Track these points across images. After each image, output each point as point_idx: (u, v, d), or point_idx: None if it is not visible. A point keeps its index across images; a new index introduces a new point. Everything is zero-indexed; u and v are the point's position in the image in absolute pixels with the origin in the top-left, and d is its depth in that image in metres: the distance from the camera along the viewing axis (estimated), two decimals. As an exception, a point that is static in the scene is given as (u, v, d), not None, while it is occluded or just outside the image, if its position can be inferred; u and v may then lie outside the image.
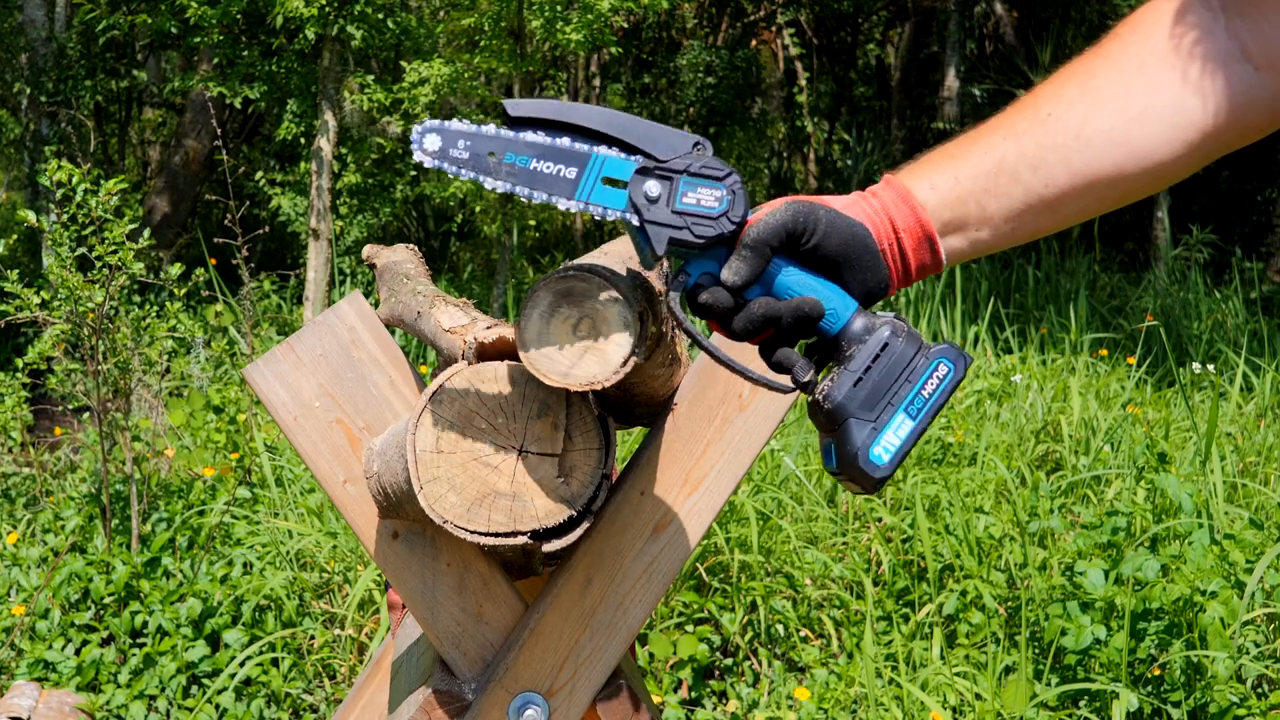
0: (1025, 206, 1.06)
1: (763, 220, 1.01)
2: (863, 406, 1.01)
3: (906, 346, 1.01)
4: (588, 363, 1.02)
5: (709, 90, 13.04)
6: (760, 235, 1.00)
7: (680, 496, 1.28)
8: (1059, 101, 1.06)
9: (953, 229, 1.06)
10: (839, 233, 1.02)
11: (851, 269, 1.03)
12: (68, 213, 3.59)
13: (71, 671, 3.10)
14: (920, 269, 1.06)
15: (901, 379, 1.01)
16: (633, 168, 1.01)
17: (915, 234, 1.05)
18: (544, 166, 1.02)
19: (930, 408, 1.01)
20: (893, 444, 1.01)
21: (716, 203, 1.00)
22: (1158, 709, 2.80)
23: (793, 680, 3.17)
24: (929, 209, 1.05)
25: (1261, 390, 5.10)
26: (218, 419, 4.25)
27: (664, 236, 1.00)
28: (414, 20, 7.55)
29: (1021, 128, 1.06)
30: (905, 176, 1.08)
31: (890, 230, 1.05)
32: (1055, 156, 1.04)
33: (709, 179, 1.00)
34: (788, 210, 1.02)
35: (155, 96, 10.90)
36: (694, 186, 1.00)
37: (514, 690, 1.23)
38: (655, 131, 1.02)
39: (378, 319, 1.31)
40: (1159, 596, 2.80)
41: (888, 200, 1.06)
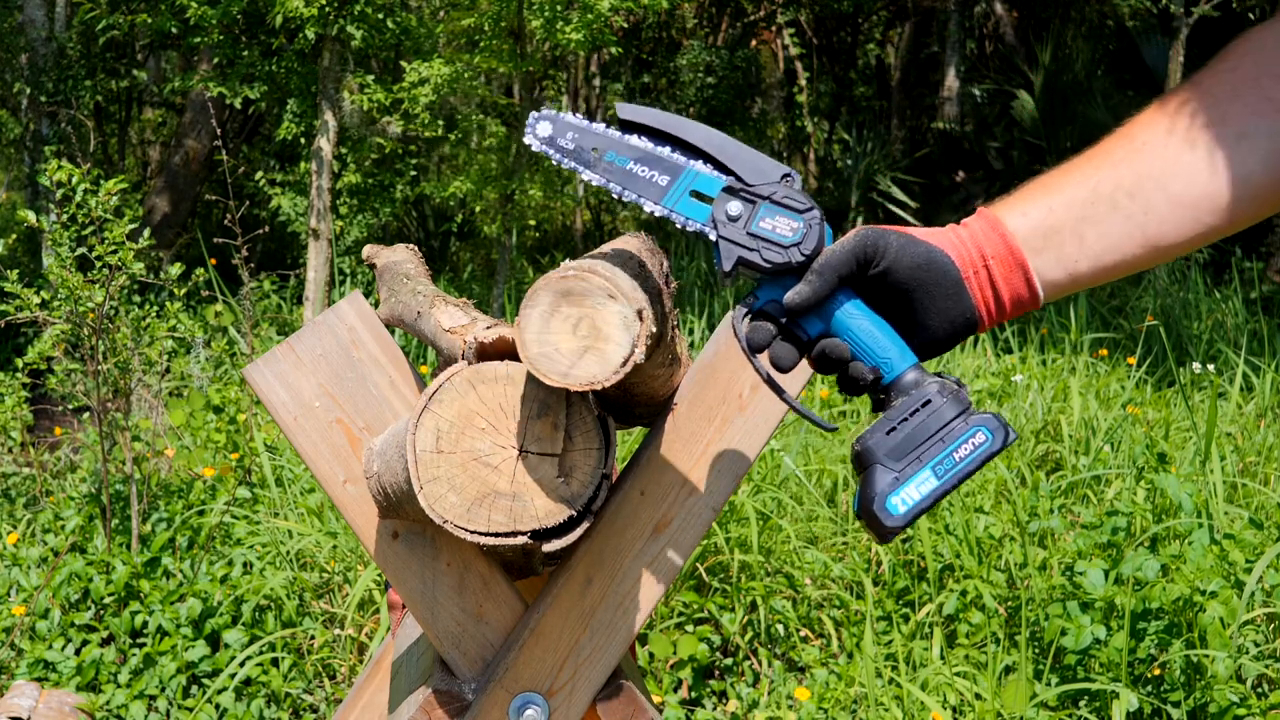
0: (1125, 236, 1.03)
1: (831, 248, 1.02)
2: (890, 455, 1.01)
3: (949, 407, 1.01)
4: (588, 363, 1.02)
5: (709, 90, 13.04)
6: (829, 261, 1.01)
7: (680, 496, 1.28)
8: (1153, 130, 1.04)
9: (1049, 259, 1.03)
10: (911, 258, 1.01)
11: (929, 296, 1.02)
12: (68, 213, 3.59)
13: (71, 671, 3.10)
14: (1016, 302, 1.04)
15: (935, 438, 1.01)
16: (720, 185, 1.04)
17: (1006, 262, 1.03)
18: (640, 169, 1.07)
19: (958, 472, 1.01)
20: (912, 498, 1.00)
21: (791, 233, 1.02)
22: (1158, 709, 2.80)
23: (793, 680, 3.17)
24: (1020, 236, 1.03)
25: (1261, 390, 5.10)
26: (218, 419, 4.25)
27: (734, 255, 1.03)
28: (414, 20, 7.55)
29: (1118, 155, 1.04)
30: (998, 207, 1.06)
31: (977, 257, 1.03)
32: (1153, 185, 1.02)
33: (790, 209, 1.02)
34: (856, 236, 1.02)
35: (155, 96, 10.91)
36: (774, 213, 1.03)
37: (514, 690, 1.23)
38: (750, 156, 1.05)
39: (378, 319, 1.31)
40: (1159, 596, 2.80)
41: (976, 229, 1.04)
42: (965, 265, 1.03)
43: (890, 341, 1.03)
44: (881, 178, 11.14)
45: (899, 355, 1.02)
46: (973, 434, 1.01)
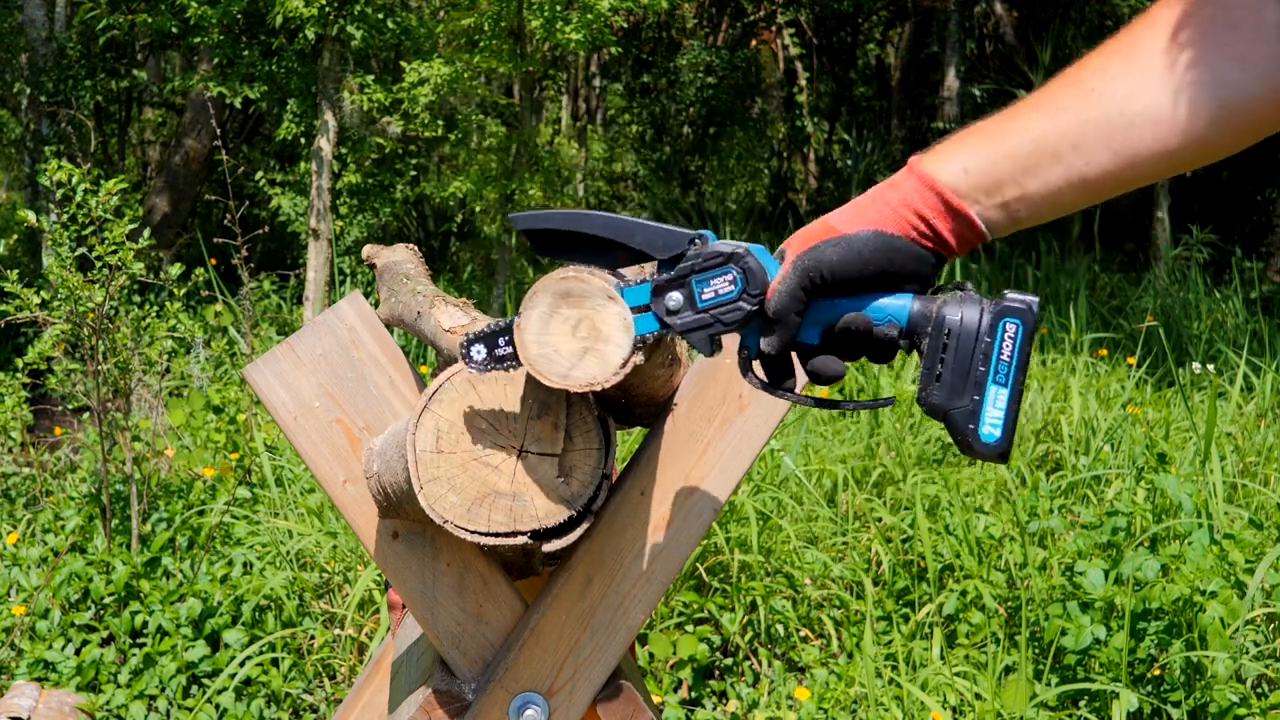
0: (1065, 184, 1.03)
1: (777, 292, 1.03)
2: (952, 396, 1.03)
3: (968, 321, 1.02)
4: (588, 363, 1.02)
5: (709, 90, 13.04)
6: (779, 305, 1.03)
7: (680, 496, 1.28)
8: (1103, 76, 1.02)
9: (990, 207, 1.04)
10: (853, 259, 1.02)
11: (888, 274, 1.03)
12: (68, 213, 3.59)
13: (71, 671, 3.10)
14: (962, 241, 1.05)
15: (977, 356, 1.02)
16: (648, 290, 1.05)
17: (944, 215, 1.03)
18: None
19: (1016, 368, 1.02)
20: (997, 418, 1.02)
21: (732, 286, 1.04)
22: (1158, 709, 2.80)
23: (793, 680, 3.17)
24: (961, 191, 1.03)
25: (1261, 390, 5.10)
26: (218, 419, 4.25)
27: (702, 338, 1.05)
28: (414, 20, 7.55)
29: (1063, 102, 1.03)
30: (932, 161, 1.05)
31: (916, 219, 1.03)
32: (1096, 134, 1.01)
33: (715, 268, 1.04)
34: (793, 273, 1.03)
35: (155, 96, 10.91)
36: (707, 282, 1.04)
37: (514, 690, 1.23)
38: (653, 232, 1.06)
39: (378, 319, 1.31)
40: (1159, 596, 2.80)
41: (909, 190, 1.04)
42: (908, 230, 1.03)
43: (878, 301, 1.04)
44: (881, 178, 11.13)
45: (896, 302, 1.04)
46: (1003, 330, 1.02)
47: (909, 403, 4.65)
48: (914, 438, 4.36)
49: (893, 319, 1.03)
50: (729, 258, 1.03)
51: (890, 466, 4.07)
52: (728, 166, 13.45)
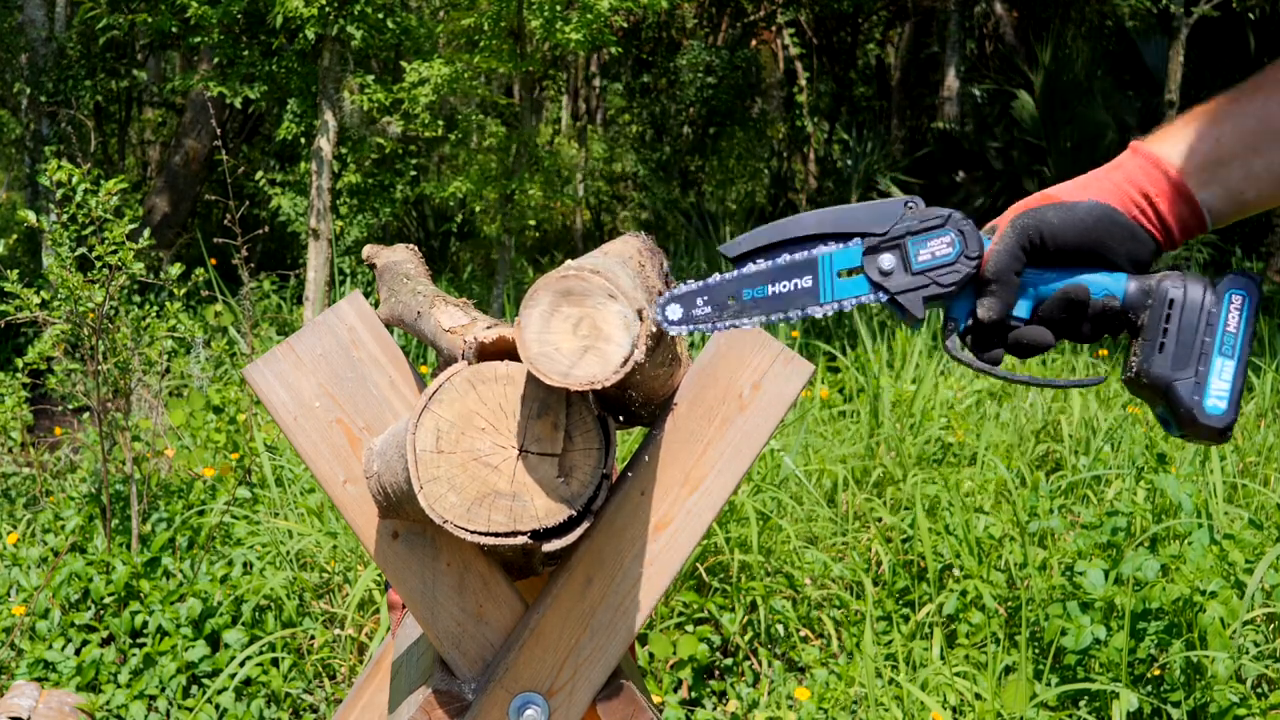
0: None
1: (995, 251, 1.02)
2: (1176, 367, 1.01)
3: (1192, 293, 1.01)
4: (588, 362, 1.02)
5: (709, 90, 13.04)
6: (999, 265, 1.01)
7: (680, 496, 1.27)
8: None
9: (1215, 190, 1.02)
10: (1076, 225, 1.01)
11: (1107, 248, 1.02)
12: (68, 213, 3.59)
13: (71, 671, 3.10)
14: (1184, 230, 1.03)
15: (1201, 326, 1.01)
16: (859, 252, 1.03)
17: (1170, 197, 1.02)
18: (780, 287, 1.05)
19: (1243, 340, 1.01)
20: (1222, 390, 1.00)
21: (949, 248, 1.02)
22: (1158, 709, 2.80)
23: (793, 680, 3.17)
24: (1187, 171, 1.01)
25: (1262, 390, 5.10)
26: (218, 419, 4.25)
27: (916, 300, 1.03)
28: (414, 20, 7.55)
29: None
30: (1156, 142, 1.04)
31: (1140, 197, 1.02)
32: None
33: (933, 230, 1.03)
34: (1014, 229, 1.02)
35: (155, 96, 10.91)
36: (923, 243, 1.03)
37: (514, 690, 1.23)
38: (865, 212, 1.04)
39: (378, 319, 1.31)
40: (1159, 596, 2.80)
41: (1133, 169, 1.03)
42: (1129, 207, 1.02)
43: (1095, 275, 1.02)
44: (881, 178, 11.14)
45: (1111, 279, 1.02)
46: (1229, 301, 1.01)
47: (909, 402, 4.65)
48: (914, 438, 4.36)
49: (1110, 293, 1.02)
50: (946, 219, 1.02)
51: (890, 466, 4.07)
52: (728, 166, 13.45)
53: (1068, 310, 1.02)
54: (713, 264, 9.11)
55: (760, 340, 1.27)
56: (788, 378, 1.27)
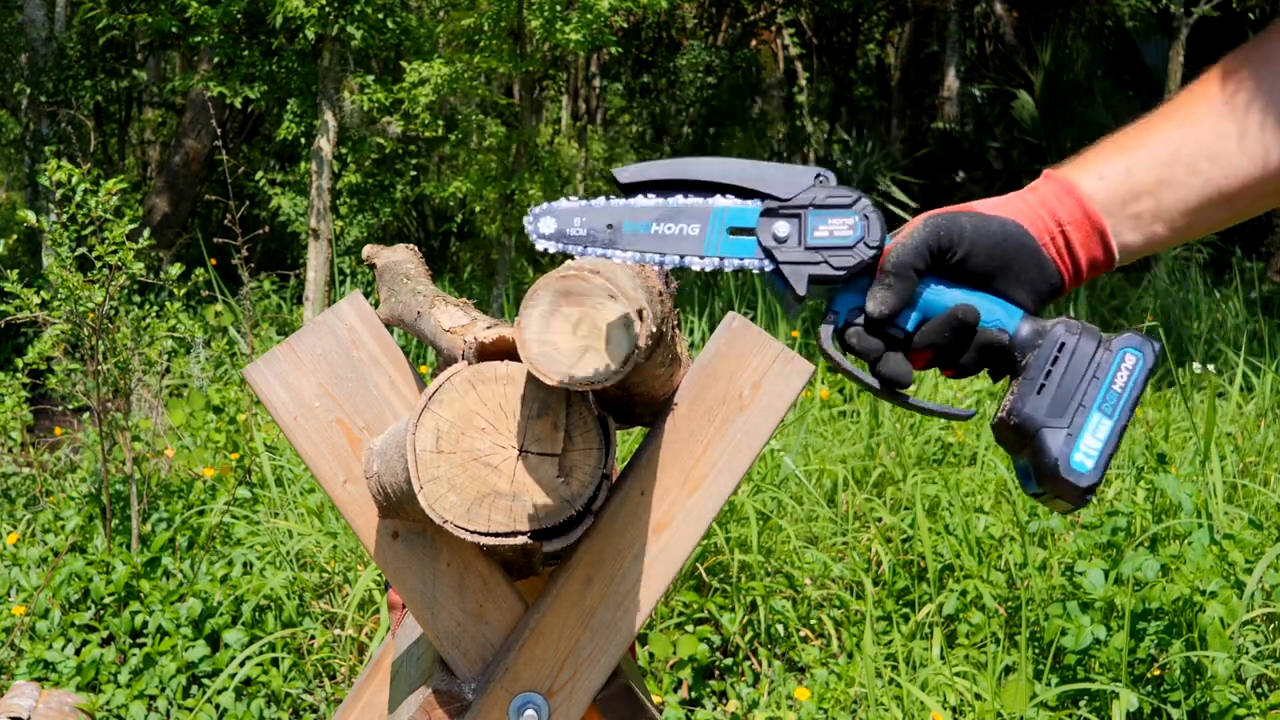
0: (1204, 200, 0.97)
1: (900, 243, 0.96)
2: (1051, 414, 0.94)
3: (1085, 343, 0.95)
4: (588, 362, 1.02)
5: (709, 90, 13.04)
6: (901, 258, 0.95)
7: (680, 496, 1.27)
8: (1239, 86, 0.97)
9: (1126, 223, 0.98)
10: (988, 238, 0.96)
11: (1011, 273, 0.97)
12: (68, 213, 3.59)
13: (71, 671, 3.10)
14: (1092, 265, 0.99)
15: (1087, 377, 0.94)
16: (756, 213, 0.97)
17: (1083, 227, 0.98)
18: (665, 228, 0.99)
19: (1126, 402, 0.94)
20: (1093, 447, 0.93)
21: (850, 230, 0.96)
22: (1157, 709, 2.80)
23: (793, 680, 3.17)
24: (1098, 201, 0.98)
25: (1261, 390, 5.10)
26: (218, 419, 4.25)
27: (803, 274, 0.96)
28: (414, 20, 7.55)
29: (1199, 114, 0.98)
30: (1069, 170, 1.00)
31: (1053, 224, 0.98)
32: (1234, 146, 0.96)
33: (838, 208, 0.96)
34: (926, 226, 0.96)
35: (155, 96, 10.91)
36: (824, 219, 0.96)
37: (514, 690, 1.23)
38: (773, 172, 0.97)
39: (378, 319, 1.31)
40: (1159, 596, 2.80)
41: (1047, 194, 0.99)
42: (1041, 233, 0.97)
43: (991, 302, 0.97)
44: (881, 178, 11.14)
45: (1005, 312, 0.96)
46: (1121, 358, 0.95)
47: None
48: (914, 438, 4.36)
49: (1001, 325, 0.96)
50: (854, 201, 0.95)
51: (890, 466, 4.07)
52: (728, 166, 13.43)
53: (953, 333, 0.96)
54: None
55: (760, 340, 1.27)
56: (788, 378, 1.27)
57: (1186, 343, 6.55)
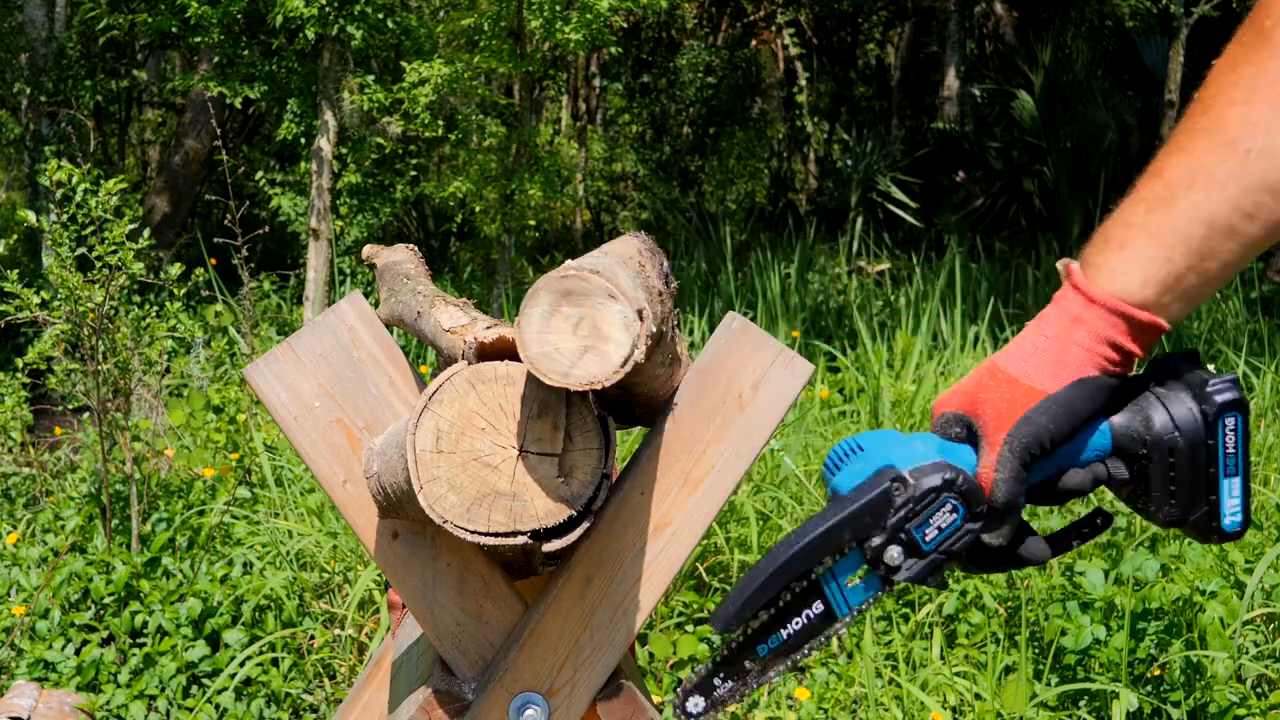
0: (1242, 254, 0.96)
1: (998, 481, 0.96)
2: (1189, 510, 0.98)
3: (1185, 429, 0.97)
4: (588, 362, 1.02)
5: (709, 90, 13.05)
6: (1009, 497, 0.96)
7: (680, 496, 1.27)
8: (1253, 130, 0.92)
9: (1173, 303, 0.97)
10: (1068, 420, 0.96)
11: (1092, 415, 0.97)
12: (67, 213, 3.59)
13: (71, 671, 3.10)
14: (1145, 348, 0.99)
15: (1203, 461, 0.97)
16: (857, 559, 0.97)
17: (1135, 337, 0.97)
18: (794, 625, 1.00)
19: (1242, 456, 0.98)
20: (1235, 506, 0.98)
21: (953, 514, 0.96)
22: (1157, 709, 2.80)
23: (793, 680, 3.17)
24: (1149, 304, 0.96)
25: (1261, 390, 5.10)
26: (218, 419, 4.26)
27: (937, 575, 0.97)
28: (414, 20, 7.56)
29: (1222, 174, 0.93)
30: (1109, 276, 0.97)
31: (1109, 350, 0.97)
32: (1269, 198, 0.92)
33: (931, 506, 0.96)
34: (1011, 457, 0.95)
35: (155, 96, 10.91)
36: (926, 523, 0.96)
37: (514, 690, 1.23)
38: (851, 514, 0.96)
39: (378, 319, 1.31)
40: (1158, 596, 2.80)
41: (1094, 322, 0.97)
42: (1103, 365, 0.97)
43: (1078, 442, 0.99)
44: (881, 178, 11.15)
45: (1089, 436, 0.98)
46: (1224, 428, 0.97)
47: (909, 401, 4.66)
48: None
49: (1099, 451, 0.98)
50: (941, 489, 0.95)
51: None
52: (728, 166, 13.45)
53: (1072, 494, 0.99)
54: (713, 264, 9.11)
55: (760, 340, 1.27)
56: (788, 378, 1.27)
57: (1186, 342, 6.55)
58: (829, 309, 7.59)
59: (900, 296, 7.19)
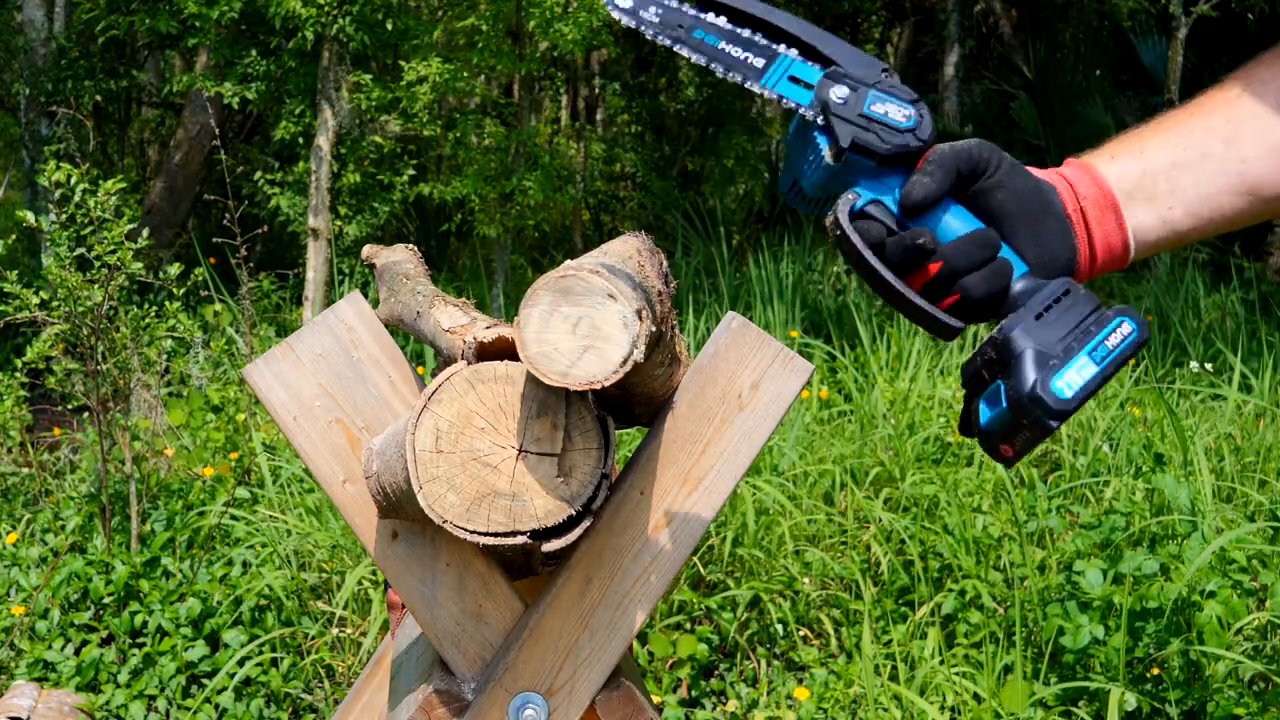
0: (1223, 183, 0.96)
1: (949, 144, 0.97)
2: (1042, 341, 0.95)
3: (1085, 300, 0.96)
4: (587, 362, 1.02)
5: (709, 90, 13.04)
6: (947, 154, 0.96)
7: (680, 496, 1.28)
8: (1250, 81, 0.96)
9: (1141, 204, 0.97)
10: (1021, 180, 0.96)
11: (1033, 228, 0.96)
12: (66, 213, 3.59)
13: (71, 671, 3.10)
14: (1107, 249, 0.99)
15: (1084, 324, 0.95)
16: (820, 73, 1.00)
17: (1098, 203, 0.97)
18: (733, 50, 1.02)
19: (1115, 359, 0.95)
20: (1075, 382, 0.94)
21: (905, 119, 0.98)
22: (1156, 708, 2.80)
23: (792, 680, 3.17)
24: (1113, 179, 0.97)
25: (1260, 390, 5.10)
26: (217, 419, 4.26)
27: (849, 133, 0.98)
28: (413, 21, 7.56)
29: (1210, 105, 0.98)
30: (1088, 155, 1.01)
31: (1072, 195, 0.97)
32: (1250, 129, 0.95)
33: (898, 98, 0.99)
34: (972, 141, 0.97)
35: (154, 96, 10.91)
36: (883, 99, 0.98)
37: (513, 690, 1.24)
38: (847, 48, 1.00)
39: (377, 319, 1.32)
40: (1157, 596, 2.80)
41: (1067, 171, 1.00)
42: (1066, 200, 0.97)
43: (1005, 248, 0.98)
44: (881, 177, 11.14)
45: (1015, 258, 0.97)
46: (1118, 324, 0.96)
47: (905, 400, 4.66)
48: (912, 437, 4.36)
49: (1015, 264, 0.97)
50: (914, 99, 0.98)
51: (889, 465, 4.07)
52: (727, 166, 13.45)
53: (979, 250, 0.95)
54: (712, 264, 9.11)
55: (760, 340, 1.27)
56: (787, 378, 1.27)
57: (1185, 342, 6.55)
58: (828, 309, 7.59)
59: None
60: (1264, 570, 2.93)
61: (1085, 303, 0.96)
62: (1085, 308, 0.96)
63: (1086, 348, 0.95)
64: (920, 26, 13.84)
